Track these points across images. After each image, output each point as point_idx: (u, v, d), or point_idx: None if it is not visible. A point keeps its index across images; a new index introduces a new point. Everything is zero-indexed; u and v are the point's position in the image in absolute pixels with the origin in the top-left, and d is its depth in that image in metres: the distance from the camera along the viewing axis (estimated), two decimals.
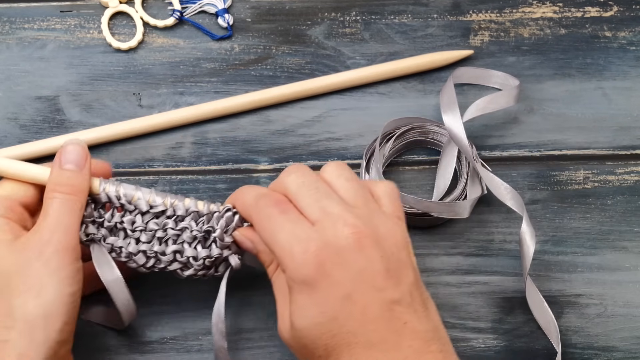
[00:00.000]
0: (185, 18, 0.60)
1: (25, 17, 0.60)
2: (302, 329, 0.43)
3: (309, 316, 0.43)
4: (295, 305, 0.43)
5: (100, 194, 0.48)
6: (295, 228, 0.44)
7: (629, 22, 0.61)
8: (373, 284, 0.43)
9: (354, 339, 0.42)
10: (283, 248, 0.43)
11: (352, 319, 0.42)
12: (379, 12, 0.60)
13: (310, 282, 0.42)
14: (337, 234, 0.43)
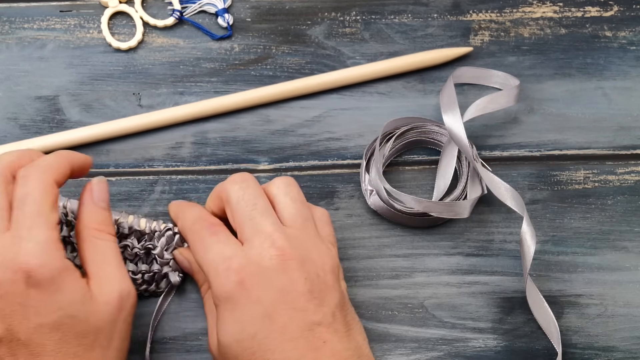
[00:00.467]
0: (185, 18, 0.60)
1: (25, 17, 0.60)
2: (226, 345, 0.45)
3: (230, 332, 0.44)
4: (220, 322, 0.45)
5: None
6: (223, 248, 0.46)
7: (629, 21, 0.61)
8: (294, 305, 0.44)
9: (272, 356, 0.44)
10: (209, 266, 0.45)
11: (271, 337, 0.44)
12: (379, 12, 0.60)
13: (231, 298, 0.44)
14: (262, 254, 0.45)
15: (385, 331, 0.54)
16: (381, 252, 0.55)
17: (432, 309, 0.54)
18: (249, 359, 0.44)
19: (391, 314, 0.54)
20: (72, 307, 0.43)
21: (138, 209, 0.56)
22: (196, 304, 0.54)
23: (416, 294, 0.54)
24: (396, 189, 0.55)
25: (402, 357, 0.53)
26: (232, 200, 0.47)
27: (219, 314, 0.45)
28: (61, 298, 0.43)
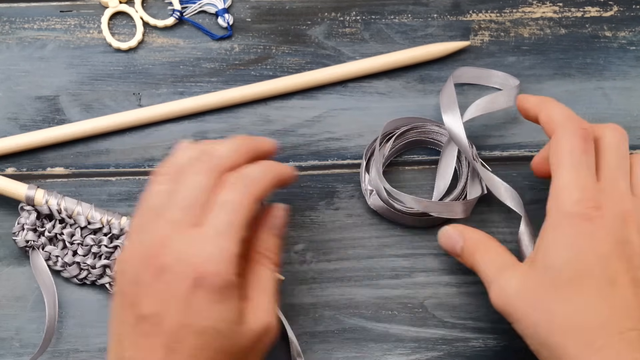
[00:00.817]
0: (185, 18, 0.60)
1: (25, 17, 0.60)
2: (555, 265, 0.44)
3: (567, 255, 0.44)
4: (555, 242, 0.45)
5: (43, 205, 0.52)
6: (586, 174, 0.45)
7: (629, 22, 0.61)
8: (629, 260, 0.44)
9: (599, 292, 0.43)
10: (566, 185, 0.45)
11: (604, 274, 0.43)
12: (379, 12, 0.61)
13: (578, 226, 0.44)
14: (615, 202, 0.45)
15: (385, 331, 0.54)
16: (381, 252, 0.55)
17: (432, 309, 0.54)
18: (574, 285, 0.43)
19: (391, 314, 0.54)
20: (223, 323, 0.43)
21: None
22: None
23: (416, 294, 0.55)
24: (396, 189, 0.55)
25: (402, 357, 0.53)
26: (611, 141, 0.47)
27: (556, 234, 0.45)
28: (218, 311, 0.43)
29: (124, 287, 0.44)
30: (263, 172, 0.46)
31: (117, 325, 0.45)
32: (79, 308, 0.54)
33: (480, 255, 0.49)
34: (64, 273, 0.53)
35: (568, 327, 0.43)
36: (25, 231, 0.53)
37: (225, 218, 0.44)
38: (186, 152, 0.47)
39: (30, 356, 0.52)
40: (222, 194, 0.44)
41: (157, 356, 0.43)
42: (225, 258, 0.43)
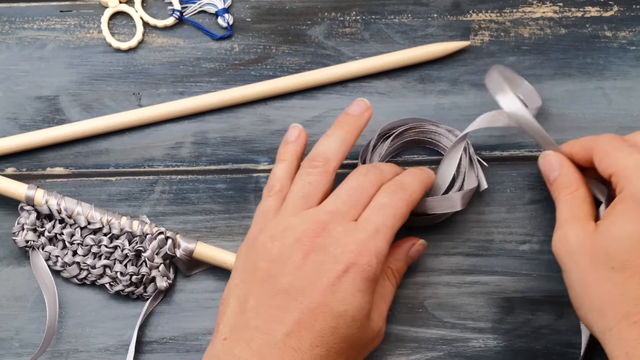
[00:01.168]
0: (185, 18, 0.60)
1: (25, 17, 0.60)
2: (615, 236, 0.46)
3: (629, 229, 0.46)
4: (621, 217, 0.46)
5: (42, 205, 0.53)
6: None
7: (629, 22, 0.61)
8: None
9: None
10: (632, 167, 0.47)
11: None
12: (379, 12, 0.60)
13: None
14: None
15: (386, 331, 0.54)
16: None
17: (432, 309, 0.54)
18: (630, 259, 0.45)
19: (391, 314, 0.54)
20: (359, 312, 0.46)
21: (138, 209, 0.56)
22: (196, 304, 0.54)
23: (416, 294, 0.54)
24: None
25: (402, 357, 0.53)
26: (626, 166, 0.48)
27: (623, 210, 0.46)
28: (360, 299, 0.46)
29: (260, 261, 0.47)
30: (415, 180, 0.51)
31: (241, 297, 0.47)
32: (79, 308, 0.54)
33: (564, 195, 0.50)
34: (64, 273, 0.53)
35: (612, 297, 0.45)
36: (25, 231, 0.53)
37: (383, 219, 0.48)
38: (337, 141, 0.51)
39: (30, 356, 0.52)
40: (381, 196, 0.49)
41: (287, 328, 0.45)
42: (378, 253, 0.47)
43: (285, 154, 0.52)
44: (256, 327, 0.45)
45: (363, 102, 0.53)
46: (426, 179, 0.52)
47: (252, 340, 0.45)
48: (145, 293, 0.53)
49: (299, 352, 0.45)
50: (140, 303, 0.54)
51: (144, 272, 0.53)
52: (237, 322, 0.46)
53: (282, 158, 0.52)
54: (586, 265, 0.47)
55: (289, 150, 0.52)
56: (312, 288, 0.45)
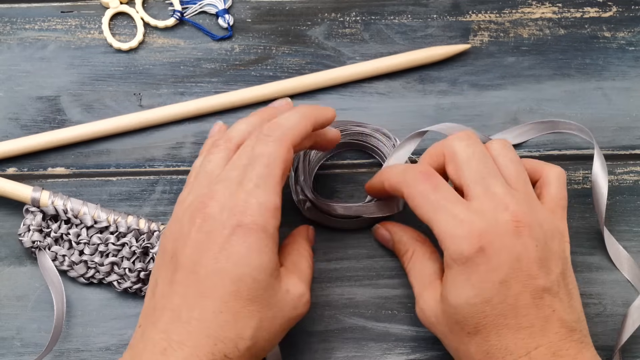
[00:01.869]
0: (186, 18, 0.60)
1: (26, 17, 0.60)
2: (457, 306, 0.45)
3: (464, 296, 0.45)
4: (452, 284, 0.45)
5: (48, 206, 0.53)
6: (453, 208, 0.45)
7: (628, 22, 0.61)
8: (528, 272, 0.44)
9: (504, 321, 0.44)
10: (444, 229, 0.45)
11: (505, 303, 0.44)
12: (378, 13, 0.61)
13: (470, 263, 0.44)
14: (498, 219, 0.45)
15: (385, 331, 0.54)
16: (381, 251, 0.55)
17: None
18: (479, 321, 0.45)
19: (391, 313, 0.54)
20: (259, 271, 0.44)
21: (139, 209, 0.56)
22: None
23: None
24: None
25: (402, 356, 0.53)
26: (461, 157, 0.47)
27: (451, 276, 0.45)
28: (256, 258, 0.45)
29: (166, 244, 0.46)
30: (298, 118, 0.47)
31: (152, 284, 0.47)
32: (81, 308, 0.54)
33: (405, 264, 0.51)
34: (71, 272, 0.54)
35: (481, 356, 0.45)
36: (31, 232, 0.53)
37: (261, 171, 0.45)
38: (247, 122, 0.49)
39: (31, 355, 0.53)
40: (256, 147, 0.46)
41: (189, 302, 0.44)
42: (263, 208, 0.45)
43: (204, 147, 0.51)
44: (162, 307, 0.45)
45: (285, 100, 0.53)
46: (312, 113, 0.49)
47: (159, 319, 0.44)
48: None
49: (203, 322, 0.44)
50: (142, 303, 0.54)
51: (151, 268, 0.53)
52: (147, 307, 0.46)
53: (201, 152, 0.51)
54: (448, 335, 0.47)
55: (208, 143, 0.51)
56: (205, 257, 0.44)
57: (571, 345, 0.44)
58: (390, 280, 0.55)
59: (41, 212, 0.53)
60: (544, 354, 0.44)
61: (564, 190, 0.49)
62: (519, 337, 0.44)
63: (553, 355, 0.44)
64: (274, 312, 0.46)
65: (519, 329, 0.44)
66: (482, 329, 0.45)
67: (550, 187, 0.49)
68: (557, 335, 0.44)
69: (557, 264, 0.46)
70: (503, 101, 0.59)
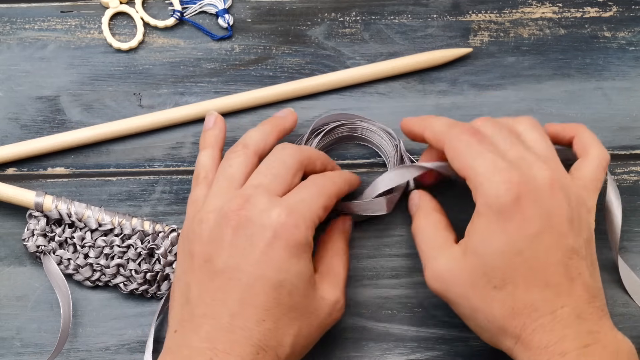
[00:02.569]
0: (186, 18, 0.60)
1: (26, 17, 0.60)
2: (487, 255, 0.45)
3: (496, 245, 0.44)
4: (484, 233, 0.45)
5: (52, 210, 0.53)
6: (495, 158, 0.45)
7: (628, 22, 0.61)
8: (559, 229, 0.45)
9: (533, 275, 0.44)
10: (482, 174, 0.45)
11: (536, 257, 0.44)
12: (378, 13, 0.61)
13: (505, 211, 0.44)
14: (535, 174, 0.45)
15: (385, 331, 0.54)
16: (381, 251, 0.55)
17: (432, 308, 0.54)
18: (508, 274, 0.44)
19: (391, 313, 0.54)
20: (298, 279, 0.46)
21: (139, 209, 0.56)
22: None
23: (416, 294, 0.55)
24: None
25: (402, 356, 0.53)
26: (487, 131, 0.48)
27: (484, 224, 0.45)
28: (296, 265, 0.46)
29: (194, 248, 0.47)
30: (343, 176, 0.51)
31: (183, 288, 0.47)
32: (80, 308, 0.54)
33: (420, 223, 0.50)
34: (76, 276, 0.54)
35: (504, 314, 0.45)
36: (36, 237, 0.53)
37: (308, 192, 0.48)
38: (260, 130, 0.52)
39: (30, 355, 0.52)
40: (308, 180, 0.49)
41: (231, 309, 0.45)
42: (305, 217, 0.46)
43: (205, 141, 0.52)
44: (202, 314, 0.45)
45: (289, 110, 0.54)
46: (353, 180, 0.52)
47: (200, 327, 0.45)
48: (159, 291, 0.53)
49: (246, 330, 0.44)
50: (142, 303, 0.54)
51: (157, 269, 0.53)
52: (183, 313, 0.46)
53: (203, 146, 0.52)
54: (469, 293, 0.46)
55: (209, 137, 0.52)
56: (246, 262, 0.45)
57: (594, 310, 0.44)
58: (390, 280, 0.55)
59: (45, 217, 0.53)
60: (568, 314, 0.44)
61: (602, 174, 0.50)
62: (546, 294, 0.44)
63: (577, 317, 0.44)
64: (310, 319, 0.47)
65: (546, 285, 0.44)
66: (509, 283, 0.44)
67: (589, 165, 0.50)
68: (581, 298, 0.44)
69: (585, 229, 0.46)
70: (503, 101, 0.59)
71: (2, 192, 0.53)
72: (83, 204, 0.54)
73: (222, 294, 0.45)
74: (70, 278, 0.54)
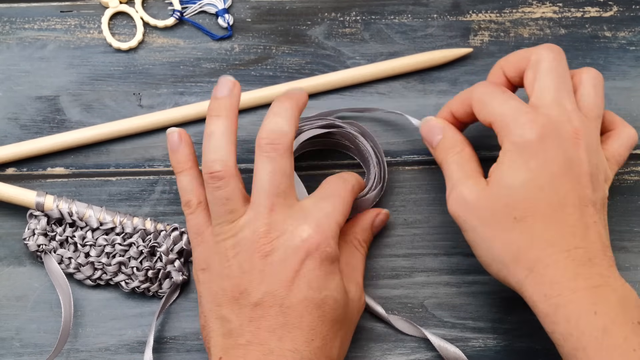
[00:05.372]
0: (186, 18, 0.60)
1: (26, 17, 0.60)
2: (511, 187, 0.46)
3: (521, 178, 0.46)
4: (510, 167, 0.47)
5: (53, 210, 0.53)
6: (520, 105, 0.47)
7: (628, 22, 0.61)
8: (578, 179, 0.46)
9: (552, 212, 0.46)
10: (509, 115, 0.47)
11: (556, 196, 0.46)
12: (379, 12, 0.61)
13: (529, 148, 0.46)
14: (560, 126, 0.47)
15: (385, 331, 0.54)
16: (381, 252, 0.55)
17: (432, 308, 0.54)
18: (529, 206, 0.46)
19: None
20: (337, 291, 0.46)
21: (138, 209, 0.56)
22: (195, 304, 0.54)
23: (416, 294, 0.55)
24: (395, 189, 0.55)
25: (402, 356, 0.53)
26: (544, 66, 0.49)
27: (510, 159, 0.47)
28: (333, 280, 0.47)
29: (224, 283, 0.47)
30: (353, 176, 0.52)
31: (221, 321, 0.47)
32: (79, 308, 0.54)
33: (451, 156, 0.50)
34: (78, 275, 0.54)
35: (520, 246, 0.46)
36: (36, 236, 0.53)
37: (331, 206, 0.48)
38: None
39: (29, 356, 0.52)
40: (330, 184, 0.50)
41: (276, 335, 0.45)
42: (334, 233, 0.47)
43: (180, 163, 0.50)
44: (248, 342, 0.45)
45: (226, 79, 0.49)
46: (360, 180, 0.52)
47: (248, 354, 0.45)
48: (160, 290, 0.53)
49: (297, 352, 0.45)
50: (141, 303, 0.54)
51: (159, 267, 0.53)
52: (226, 343, 0.46)
53: (179, 169, 0.50)
54: (488, 220, 0.47)
55: (181, 157, 0.50)
56: (285, 287, 0.45)
57: (605, 258, 0.46)
58: (390, 280, 0.55)
59: (45, 216, 0.53)
60: (581, 256, 0.45)
61: (627, 152, 0.51)
62: (563, 233, 0.45)
63: (589, 260, 0.45)
64: (348, 325, 0.48)
65: (563, 225, 0.46)
66: (529, 216, 0.46)
67: (617, 139, 0.51)
68: (594, 245, 0.46)
69: (600, 191, 0.48)
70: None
71: (3, 192, 0.53)
72: (84, 203, 0.54)
73: (265, 322, 0.45)
74: (71, 277, 0.54)
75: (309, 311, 0.45)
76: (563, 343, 0.44)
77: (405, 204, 0.56)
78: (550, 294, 0.45)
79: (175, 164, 0.50)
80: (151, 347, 0.51)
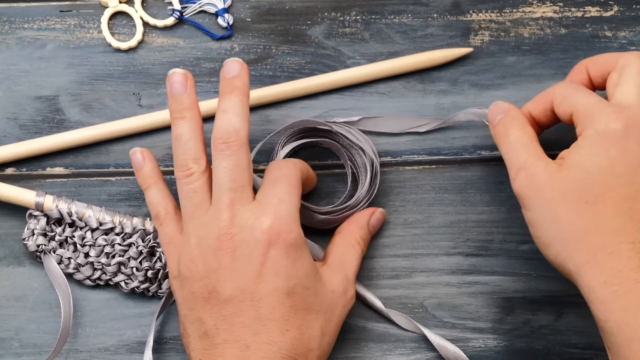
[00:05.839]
0: (185, 18, 0.60)
1: (25, 16, 0.60)
2: (586, 169, 0.46)
3: (599, 164, 0.46)
4: (590, 151, 0.47)
5: (53, 210, 0.53)
6: (604, 100, 0.48)
7: (629, 21, 0.61)
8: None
9: (624, 202, 0.46)
10: (594, 105, 0.48)
11: (630, 187, 0.46)
12: (379, 12, 0.60)
13: (613, 138, 0.46)
14: None
15: (385, 331, 0.54)
16: (381, 252, 0.55)
17: (432, 309, 0.54)
18: (603, 192, 0.46)
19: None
20: (307, 278, 0.46)
21: (138, 209, 0.56)
22: None
23: (416, 294, 0.55)
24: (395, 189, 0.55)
25: (402, 357, 0.53)
26: (632, 69, 0.49)
27: (590, 144, 0.47)
28: (301, 267, 0.46)
29: (193, 286, 0.46)
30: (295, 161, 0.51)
31: (196, 324, 0.47)
32: (79, 309, 0.54)
33: (513, 131, 0.50)
34: (77, 275, 0.53)
35: (587, 229, 0.46)
36: (36, 236, 0.53)
37: (282, 188, 0.47)
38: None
39: (29, 356, 0.52)
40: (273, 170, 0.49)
41: (250, 330, 0.45)
42: (293, 219, 0.46)
43: (145, 180, 0.52)
44: (224, 341, 0.45)
45: (235, 61, 0.50)
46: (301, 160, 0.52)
47: (225, 352, 0.45)
48: (160, 290, 0.53)
49: (274, 344, 0.45)
50: (141, 303, 0.54)
51: (159, 267, 0.53)
52: (203, 344, 0.46)
53: (146, 185, 0.52)
54: (558, 201, 0.47)
55: (146, 174, 0.52)
56: (253, 280, 0.45)
57: None
58: (390, 281, 0.55)
59: (45, 216, 0.53)
60: None
61: None
62: (631, 224, 0.46)
63: None
64: (328, 315, 0.47)
65: (633, 217, 0.46)
66: (601, 202, 0.46)
67: None
68: None
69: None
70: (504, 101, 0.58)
71: (2, 192, 0.53)
72: (83, 203, 0.53)
73: (238, 318, 0.45)
74: (70, 277, 0.54)
75: (280, 301, 0.45)
76: (617, 332, 0.44)
77: (405, 204, 0.56)
78: (610, 282, 0.44)
79: (142, 181, 0.52)
80: (151, 347, 0.51)
